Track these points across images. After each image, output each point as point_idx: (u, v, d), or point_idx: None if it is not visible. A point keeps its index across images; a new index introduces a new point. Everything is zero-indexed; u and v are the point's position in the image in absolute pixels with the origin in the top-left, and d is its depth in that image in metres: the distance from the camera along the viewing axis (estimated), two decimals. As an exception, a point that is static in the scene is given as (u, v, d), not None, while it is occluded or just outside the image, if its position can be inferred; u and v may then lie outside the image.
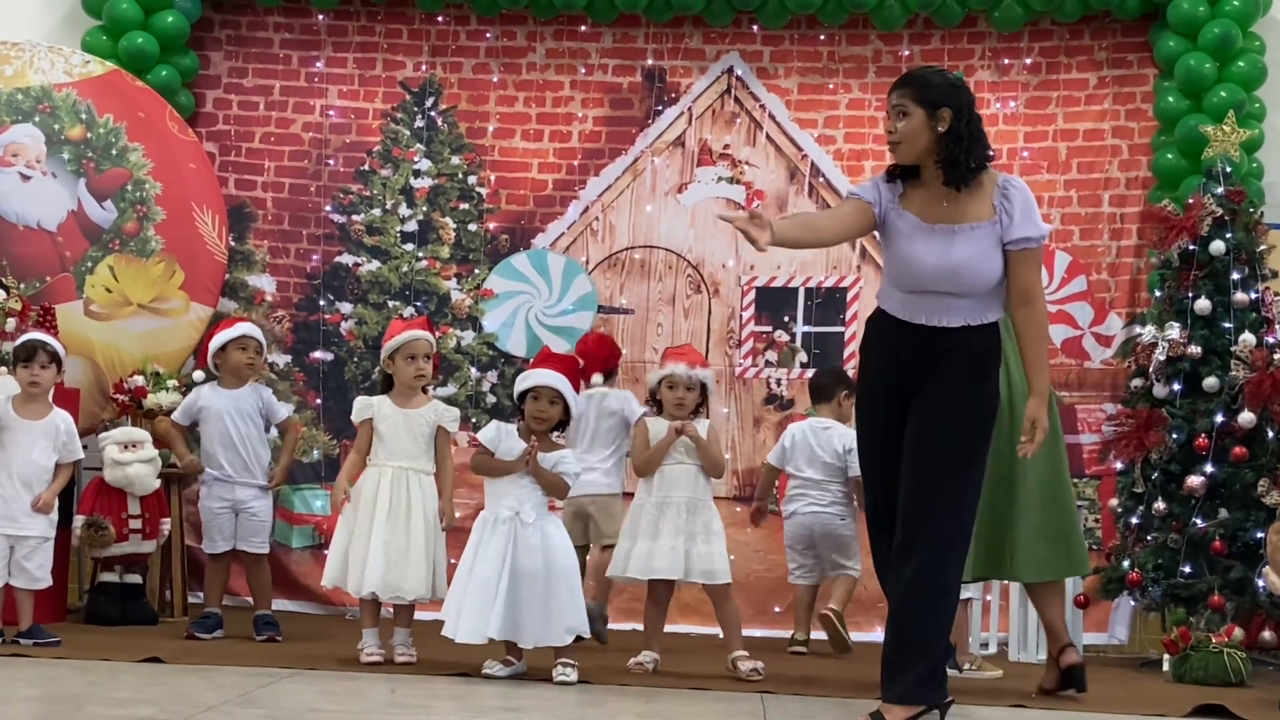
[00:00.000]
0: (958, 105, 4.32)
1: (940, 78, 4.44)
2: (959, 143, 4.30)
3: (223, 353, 6.30)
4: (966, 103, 4.36)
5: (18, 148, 7.32)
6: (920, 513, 4.30)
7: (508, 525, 5.30)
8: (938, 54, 7.76)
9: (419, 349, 5.76)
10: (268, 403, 6.39)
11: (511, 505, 5.32)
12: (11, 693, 4.62)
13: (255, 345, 6.36)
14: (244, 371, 6.33)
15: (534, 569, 5.25)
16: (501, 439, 5.40)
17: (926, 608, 4.29)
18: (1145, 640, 6.99)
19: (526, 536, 5.28)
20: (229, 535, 6.27)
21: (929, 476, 4.31)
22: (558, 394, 5.40)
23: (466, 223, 7.84)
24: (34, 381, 5.85)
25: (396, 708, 4.60)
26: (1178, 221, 6.81)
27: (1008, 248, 4.32)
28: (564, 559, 5.33)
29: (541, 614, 5.24)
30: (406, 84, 7.92)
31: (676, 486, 5.63)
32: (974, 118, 4.36)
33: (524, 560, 5.25)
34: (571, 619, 5.29)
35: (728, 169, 7.83)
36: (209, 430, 6.28)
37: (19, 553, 5.76)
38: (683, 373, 5.71)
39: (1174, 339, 6.62)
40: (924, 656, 4.29)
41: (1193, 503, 6.49)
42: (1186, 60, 7.21)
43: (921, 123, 4.32)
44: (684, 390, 5.70)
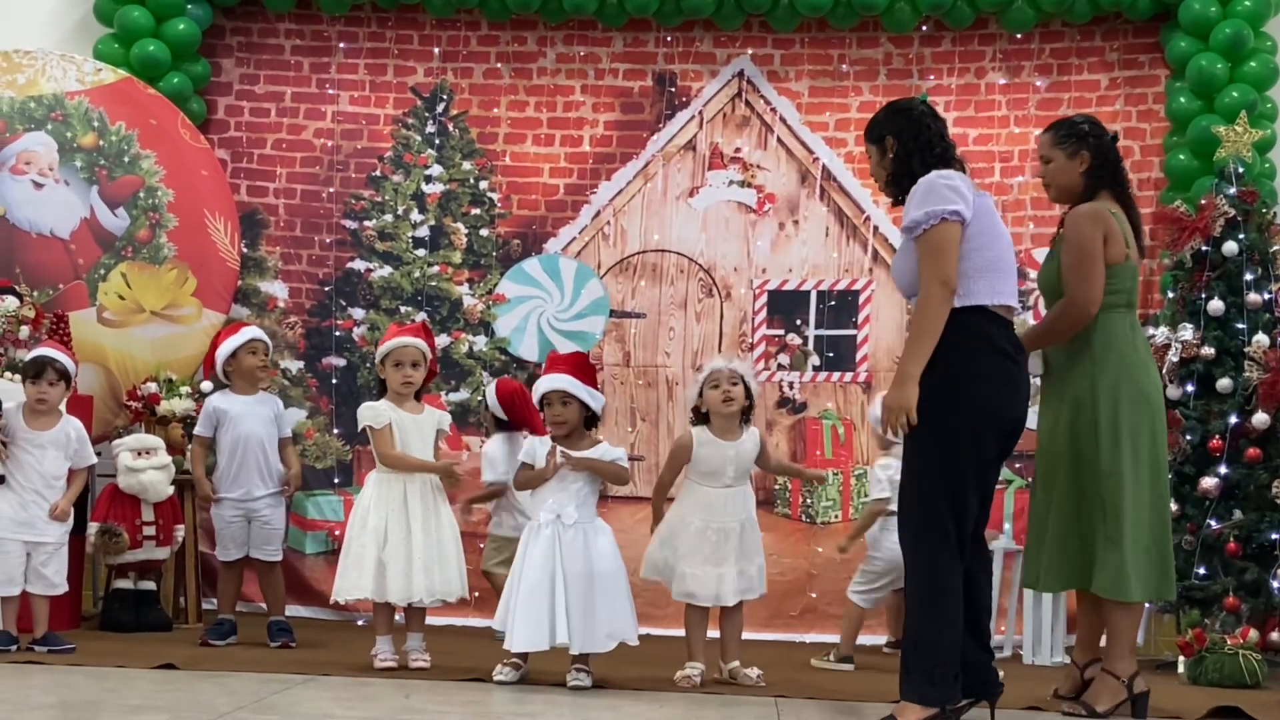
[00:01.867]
0: (895, 131, 4.57)
1: (879, 114, 4.70)
2: (899, 164, 4.55)
3: (234, 359, 6.32)
4: (901, 126, 4.56)
5: (30, 156, 7.35)
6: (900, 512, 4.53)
7: (550, 529, 5.29)
8: (949, 56, 7.75)
9: (406, 356, 5.73)
10: (280, 414, 6.40)
11: (552, 509, 5.31)
12: (27, 699, 4.64)
13: (264, 348, 6.39)
14: (257, 375, 6.35)
15: (577, 572, 5.24)
16: (538, 450, 5.40)
17: (915, 609, 4.37)
18: (1160, 642, 6.96)
19: (570, 539, 5.28)
20: (242, 543, 6.28)
21: (903, 475, 4.48)
22: (567, 394, 5.39)
23: (478, 228, 7.85)
24: (41, 399, 5.87)
25: (410, 713, 4.60)
26: (1190, 222, 6.79)
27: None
28: (607, 563, 5.30)
29: (585, 619, 5.22)
30: (418, 89, 7.93)
31: (728, 509, 5.49)
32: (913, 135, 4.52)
33: (569, 564, 5.25)
34: (613, 624, 5.26)
35: (739, 172, 7.83)
36: (225, 436, 6.28)
37: (36, 559, 5.78)
38: (723, 365, 5.55)
39: (1187, 340, 6.60)
40: (923, 656, 4.32)
41: (1207, 504, 6.47)
42: (1198, 61, 7.19)
43: (876, 158, 4.65)
44: (729, 384, 5.50)
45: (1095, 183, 5.16)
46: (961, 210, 4.34)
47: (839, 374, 7.69)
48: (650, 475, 7.62)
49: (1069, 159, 5.20)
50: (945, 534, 4.32)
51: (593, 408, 5.44)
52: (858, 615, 6.36)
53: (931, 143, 4.51)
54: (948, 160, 4.52)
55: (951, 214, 4.32)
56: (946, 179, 4.39)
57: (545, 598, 5.20)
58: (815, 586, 7.41)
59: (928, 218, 4.34)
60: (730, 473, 5.51)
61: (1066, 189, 5.23)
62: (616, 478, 5.44)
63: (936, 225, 4.33)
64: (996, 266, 4.42)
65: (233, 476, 6.27)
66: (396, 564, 5.54)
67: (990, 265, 4.40)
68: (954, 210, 4.33)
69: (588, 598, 5.23)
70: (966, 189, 4.41)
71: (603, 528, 5.41)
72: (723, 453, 5.51)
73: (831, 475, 7.58)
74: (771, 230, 7.78)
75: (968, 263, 4.35)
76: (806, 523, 7.54)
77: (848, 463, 7.63)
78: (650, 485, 7.55)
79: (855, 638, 6.35)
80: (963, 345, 4.33)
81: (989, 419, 4.36)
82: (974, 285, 4.36)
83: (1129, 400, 4.97)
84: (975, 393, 4.33)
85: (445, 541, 5.62)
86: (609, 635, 5.26)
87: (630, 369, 7.73)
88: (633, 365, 7.73)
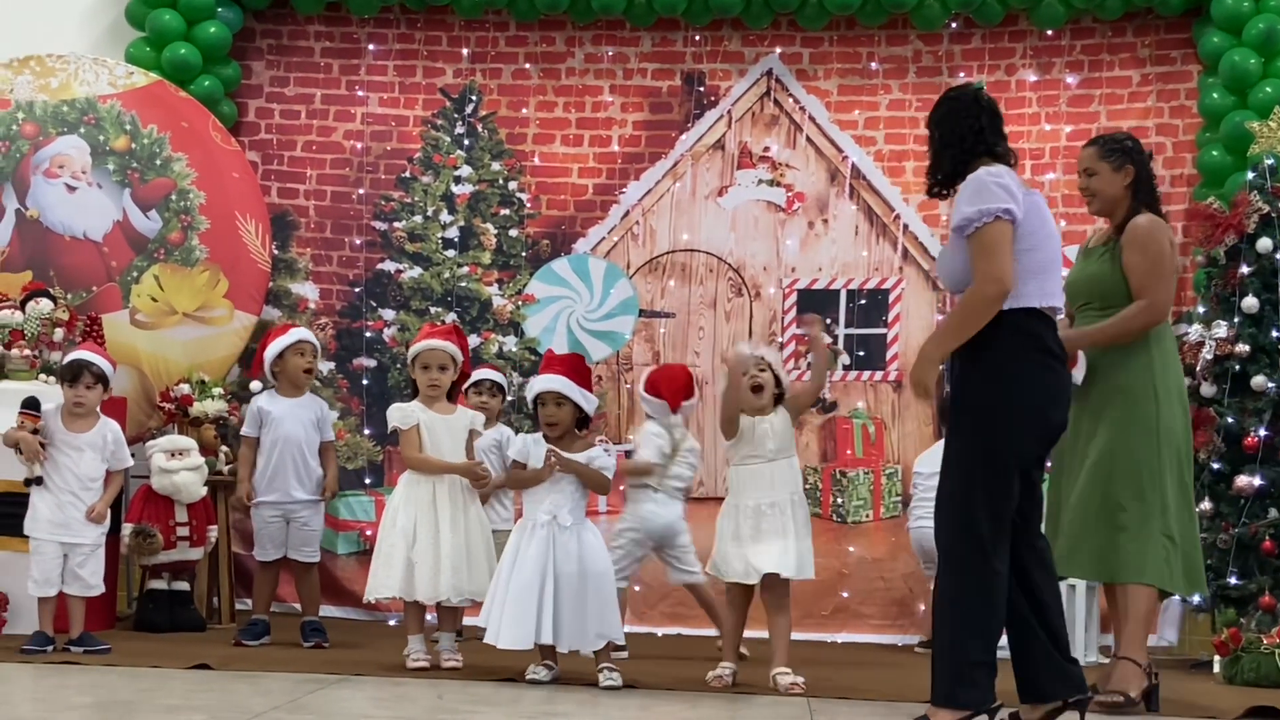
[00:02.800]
0: (935, 120, 4.50)
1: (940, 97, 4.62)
2: (936, 153, 4.49)
3: (280, 360, 6.32)
4: (942, 115, 4.48)
5: (64, 159, 7.40)
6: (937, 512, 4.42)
7: (545, 530, 5.31)
8: (978, 53, 7.73)
9: (434, 359, 5.73)
10: (323, 417, 6.41)
11: (549, 510, 5.33)
12: (64, 700, 4.66)
13: (313, 350, 6.39)
14: (303, 378, 6.36)
15: (570, 573, 5.26)
16: (530, 449, 5.41)
17: (946, 610, 4.32)
18: (1195, 642, 6.93)
19: (565, 541, 5.29)
20: (280, 543, 6.30)
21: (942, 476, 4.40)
22: (561, 396, 5.40)
23: (507, 228, 7.86)
24: (79, 401, 5.90)
25: (443, 713, 4.61)
26: (1224, 219, 6.75)
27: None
28: (599, 564, 5.32)
29: (576, 618, 5.25)
30: (446, 91, 7.95)
31: (774, 486, 5.44)
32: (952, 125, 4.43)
33: (562, 564, 5.26)
34: (603, 624, 5.28)
35: (768, 171, 7.82)
36: (266, 436, 6.29)
37: (73, 560, 5.82)
38: (748, 351, 5.54)
39: (1221, 338, 6.56)
40: (953, 657, 4.28)
41: (1242, 503, 6.43)
42: (1231, 56, 7.15)
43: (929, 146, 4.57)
44: (756, 370, 5.48)
45: (1137, 198, 5.22)
46: (1013, 209, 4.26)
47: (869, 373, 7.67)
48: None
49: (1114, 172, 5.24)
50: (980, 534, 4.26)
51: (585, 410, 5.46)
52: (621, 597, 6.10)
53: (964, 137, 4.41)
54: (993, 154, 4.40)
55: (1004, 212, 4.24)
56: (996, 176, 4.30)
57: (534, 597, 5.22)
58: (846, 586, 7.39)
59: (980, 215, 4.25)
60: (770, 445, 5.48)
61: (1110, 201, 5.27)
62: (599, 486, 5.45)
63: (990, 224, 4.24)
64: (1047, 268, 4.35)
65: (270, 477, 6.28)
66: (424, 563, 5.56)
67: (1041, 267, 4.33)
68: (1005, 209, 4.24)
69: (579, 597, 5.25)
70: (1016, 187, 4.32)
71: (593, 529, 5.43)
72: (758, 427, 5.51)
73: (863, 474, 7.57)
74: (801, 229, 7.77)
75: (1019, 264, 4.27)
76: (837, 522, 7.53)
77: (878, 462, 7.61)
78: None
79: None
80: (1014, 347, 4.27)
81: (1035, 421, 4.30)
82: (1024, 287, 4.28)
83: (1180, 400, 5.15)
84: (1023, 395, 4.28)
85: (474, 541, 5.63)
86: (598, 635, 5.28)
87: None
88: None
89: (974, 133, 4.41)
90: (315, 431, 6.34)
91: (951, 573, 4.31)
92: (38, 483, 5.79)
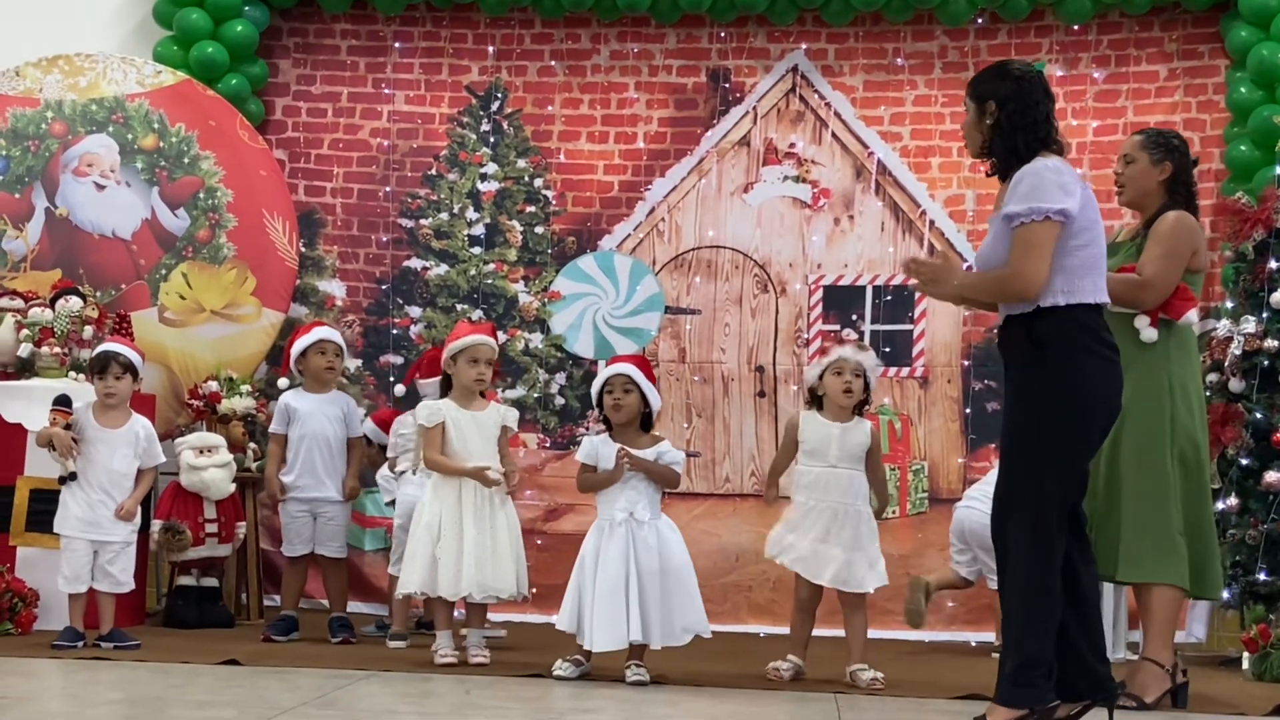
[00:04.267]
0: (1000, 97, 4.31)
1: (989, 70, 4.45)
2: (1000, 135, 4.30)
3: (304, 358, 6.40)
4: (1009, 93, 4.30)
5: (92, 158, 7.45)
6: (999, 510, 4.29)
7: (624, 528, 5.32)
8: (1004, 49, 7.69)
9: (481, 353, 5.77)
10: (350, 413, 6.45)
11: (624, 507, 5.35)
12: (95, 695, 4.70)
13: (334, 349, 6.44)
14: (324, 376, 6.41)
15: (653, 569, 5.28)
16: (599, 450, 5.42)
17: (1009, 607, 4.26)
18: (1224, 638, 6.90)
19: (644, 536, 5.31)
20: (307, 539, 6.34)
21: (1003, 473, 4.30)
22: (631, 381, 5.41)
23: (533, 225, 7.87)
24: (109, 393, 5.93)
25: (471, 708, 4.63)
26: (1252, 214, 6.72)
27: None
28: (679, 558, 5.35)
29: (663, 613, 5.26)
30: (472, 88, 7.96)
31: (831, 492, 5.45)
32: (1019, 108, 4.28)
33: (644, 560, 5.28)
34: (688, 618, 5.31)
35: (793, 168, 7.81)
36: (294, 432, 6.35)
37: (103, 557, 5.85)
38: (851, 355, 5.53)
39: (1250, 333, 6.53)
40: (1012, 656, 4.23)
41: (1271, 499, 6.40)
42: (1259, 50, 7.11)
43: (974, 116, 4.39)
44: (852, 375, 5.49)
45: (1171, 196, 5.19)
46: (1069, 209, 4.18)
47: (895, 369, 7.65)
48: (707, 472, 7.65)
49: (1153, 165, 5.23)
50: (1045, 532, 4.18)
51: (651, 404, 5.47)
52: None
53: (1038, 122, 4.29)
54: (1050, 143, 4.31)
55: (1056, 213, 4.16)
56: (1057, 173, 4.21)
57: (622, 596, 5.23)
58: (873, 582, 7.38)
59: (1030, 212, 4.17)
60: (833, 452, 5.48)
61: (1141, 193, 5.26)
62: (668, 481, 5.46)
63: (1039, 222, 4.16)
64: (1097, 264, 4.28)
65: (297, 473, 6.33)
66: (448, 559, 5.58)
67: (1096, 262, 4.26)
68: (1060, 210, 4.16)
69: (665, 593, 5.27)
70: (1074, 182, 4.24)
71: (672, 524, 5.46)
72: (827, 431, 5.50)
73: (888, 471, 7.55)
74: (826, 225, 7.76)
75: (1074, 258, 4.20)
76: (864, 518, 7.51)
77: (904, 458, 7.60)
78: (708, 482, 7.64)
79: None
80: (1077, 343, 4.21)
81: (1097, 417, 4.25)
82: (1081, 282, 4.21)
83: (1196, 397, 5.13)
84: (1087, 392, 4.21)
85: (500, 538, 5.64)
86: (684, 629, 5.31)
87: (685, 365, 7.73)
88: (688, 361, 7.74)
89: (1045, 118, 4.30)
90: (342, 427, 6.38)
91: (1018, 569, 4.22)
92: (71, 479, 5.82)
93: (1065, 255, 4.21)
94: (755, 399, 7.68)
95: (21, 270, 7.31)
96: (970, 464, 7.51)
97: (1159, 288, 5.10)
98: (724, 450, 7.67)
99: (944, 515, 7.46)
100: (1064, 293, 4.21)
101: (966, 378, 7.59)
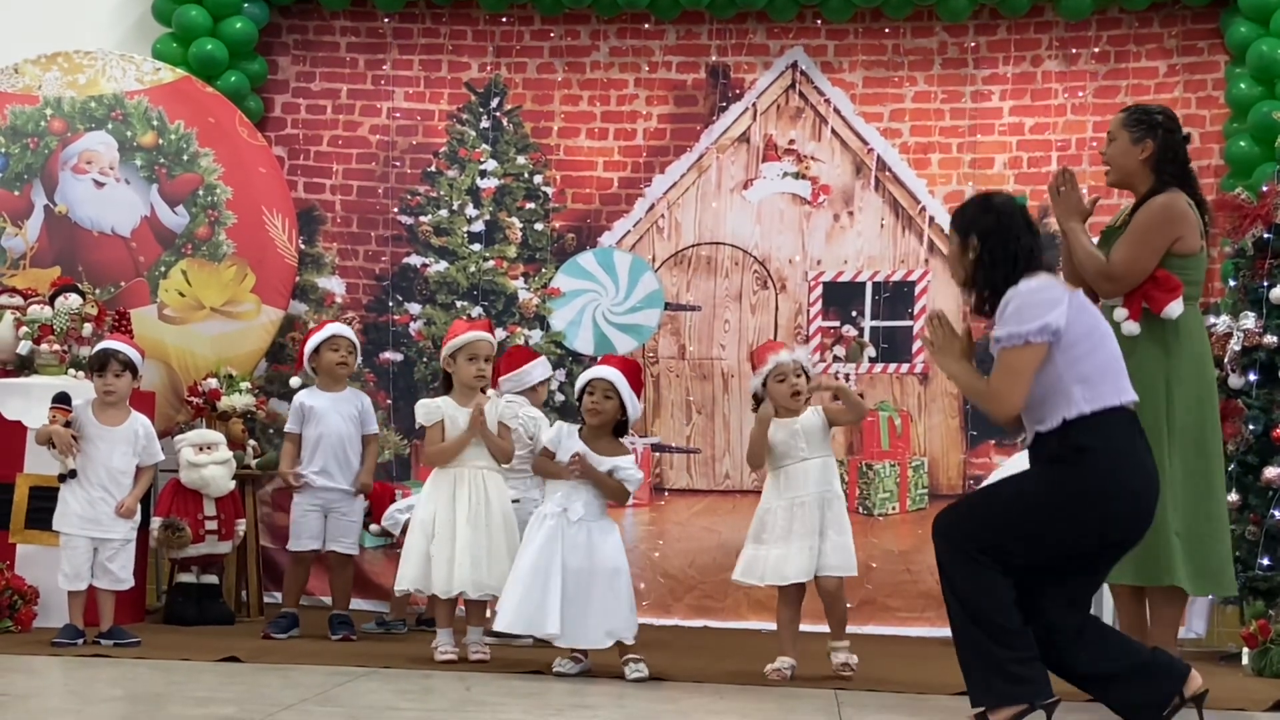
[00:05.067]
0: (982, 231, 4.35)
1: (971, 203, 4.47)
2: (983, 269, 4.35)
3: (316, 355, 6.43)
4: (990, 228, 4.33)
5: (91, 155, 7.44)
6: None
7: (555, 521, 5.32)
8: (1004, 44, 7.69)
9: (481, 350, 5.79)
10: (365, 410, 6.46)
11: (560, 502, 5.35)
12: (95, 693, 4.70)
13: (347, 344, 6.47)
14: (337, 371, 6.43)
15: (576, 567, 5.27)
16: (562, 440, 5.42)
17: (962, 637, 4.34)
18: (1223, 634, 6.90)
19: (572, 534, 5.31)
20: (315, 535, 6.34)
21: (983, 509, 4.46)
22: (612, 387, 5.40)
23: (533, 222, 7.87)
24: (108, 390, 5.93)
25: (472, 705, 4.63)
26: (1251, 209, 6.71)
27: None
28: (610, 561, 5.32)
29: (579, 612, 5.25)
30: (471, 85, 7.96)
31: (806, 484, 5.46)
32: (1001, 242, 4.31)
33: (568, 558, 5.28)
34: (611, 622, 5.28)
35: (793, 164, 7.80)
36: (309, 431, 6.36)
37: (102, 554, 5.85)
38: (788, 358, 5.54)
39: (1249, 329, 6.53)
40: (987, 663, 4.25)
41: (1271, 494, 6.40)
42: (1259, 46, 7.10)
43: (958, 249, 4.43)
44: (794, 376, 5.51)
45: (1157, 176, 5.13)
46: (1052, 324, 4.19)
47: (895, 365, 7.66)
48: (706, 468, 7.65)
49: (1132, 144, 5.17)
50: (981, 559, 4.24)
51: (629, 413, 5.46)
52: None
53: (1017, 256, 4.30)
54: (1034, 264, 4.31)
55: (1036, 334, 4.19)
56: (1040, 291, 4.24)
57: (539, 585, 5.23)
58: (872, 579, 7.36)
59: (1009, 338, 4.21)
60: (803, 445, 5.49)
61: (1124, 173, 5.21)
62: (615, 495, 5.44)
63: (1018, 347, 4.20)
64: (1113, 365, 4.28)
65: (313, 470, 6.33)
66: (441, 557, 5.60)
67: (1109, 363, 4.26)
68: (1040, 329, 4.18)
69: (585, 593, 5.25)
70: (1060, 295, 4.25)
71: (609, 526, 5.43)
72: (790, 429, 5.51)
73: (888, 467, 7.56)
74: (826, 222, 7.76)
75: (1085, 366, 4.21)
76: (863, 515, 7.52)
77: (904, 454, 7.60)
78: (708, 479, 7.64)
79: None
80: (1112, 450, 4.19)
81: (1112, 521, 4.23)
82: (1100, 388, 4.21)
83: (1203, 391, 5.09)
84: (1110, 500, 4.20)
85: (496, 536, 5.64)
86: (607, 633, 5.29)
87: (685, 362, 7.74)
88: (688, 358, 7.74)
89: (1026, 251, 4.32)
90: (358, 425, 6.40)
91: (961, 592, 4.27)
92: (71, 476, 5.82)
93: (1074, 365, 4.21)
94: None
95: (21, 268, 7.31)
96: (970, 460, 7.51)
97: (1121, 277, 5.03)
98: (724, 447, 7.67)
99: (944, 511, 7.47)
100: (1087, 400, 4.21)
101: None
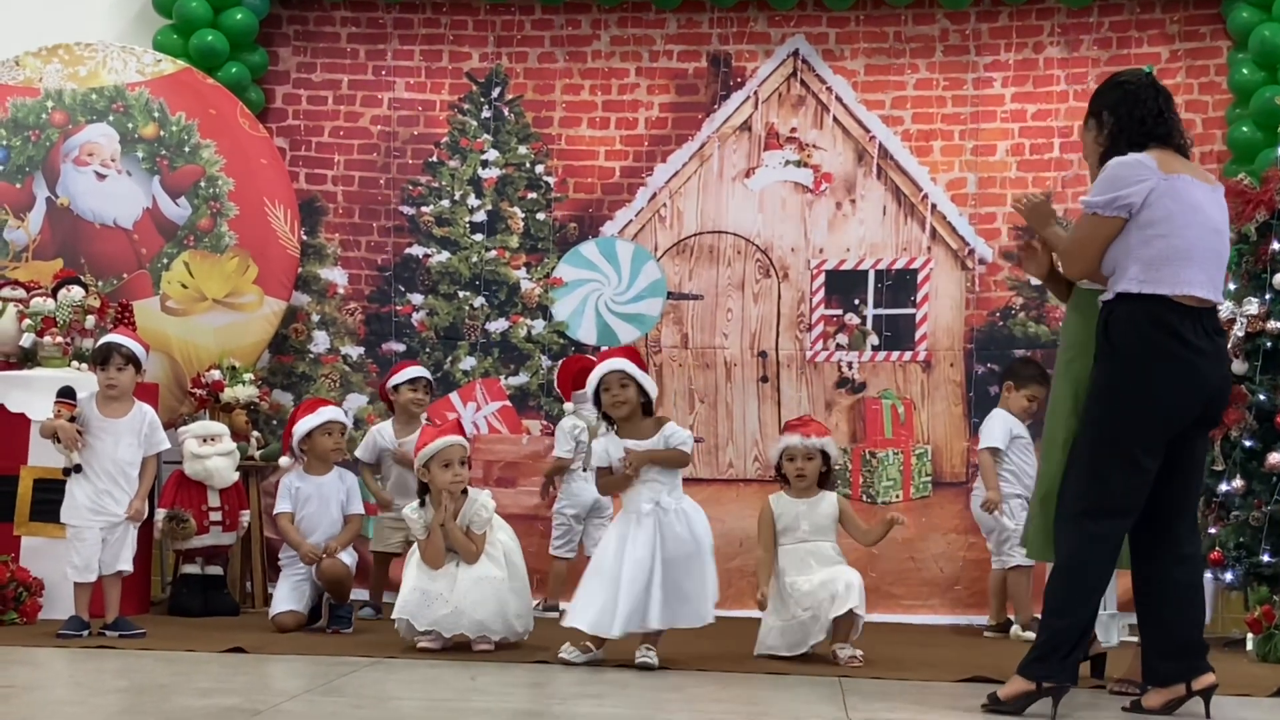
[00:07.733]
0: (1110, 105, 4.48)
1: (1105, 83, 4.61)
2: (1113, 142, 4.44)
3: (309, 439, 6.31)
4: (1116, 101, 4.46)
5: (93, 147, 7.44)
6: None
7: (652, 519, 5.32)
8: (1006, 31, 7.69)
9: (453, 455, 5.70)
10: (351, 490, 6.40)
11: (648, 499, 5.35)
12: (101, 684, 4.71)
13: (340, 428, 6.39)
14: (331, 457, 6.37)
15: (678, 555, 5.30)
16: (610, 450, 5.41)
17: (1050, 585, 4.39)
18: (1228, 620, 6.90)
19: (669, 523, 5.32)
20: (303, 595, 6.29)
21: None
22: (625, 375, 5.40)
23: (535, 212, 7.87)
24: (111, 384, 5.93)
25: (476, 694, 4.63)
26: (1254, 195, 6.70)
27: None
28: (706, 539, 5.39)
29: (699, 593, 5.31)
30: (473, 75, 7.95)
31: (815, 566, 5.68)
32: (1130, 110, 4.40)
33: (671, 547, 5.29)
34: (703, 603, 5.34)
35: (795, 152, 7.80)
36: (299, 512, 6.28)
37: (108, 539, 5.85)
38: (799, 443, 5.76)
39: (1253, 314, 6.52)
40: (1041, 632, 4.37)
41: (1274, 480, 6.39)
42: (1261, 31, 7.10)
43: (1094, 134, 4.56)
44: (803, 460, 5.75)
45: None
46: (1124, 198, 4.21)
47: (898, 353, 7.65)
48: (710, 457, 7.65)
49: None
50: (1083, 523, 4.27)
51: (649, 393, 5.47)
52: (563, 569, 6.89)
53: (1144, 119, 4.36)
54: (1164, 138, 4.34)
55: (1104, 206, 4.24)
56: (1125, 166, 4.27)
57: (644, 583, 5.24)
58: (876, 566, 7.36)
59: (1086, 205, 4.33)
60: (804, 527, 5.73)
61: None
62: (678, 463, 5.44)
63: (1089, 216, 4.30)
64: (1185, 255, 4.24)
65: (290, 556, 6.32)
66: (439, 596, 5.65)
67: (1177, 253, 4.23)
68: (1110, 201, 4.23)
69: (684, 577, 5.29)
70: (1149, 174, 4.24)
71: (696, 505, 5.48)
72: (795, 508, 5.76)
73: (892, 455, 7.56)
74: (828, 210, 7.75)
75: (1151, 249, 4.21)
76: (867, 503, 7.52)
77: (908, 442, 7.60)
78: (711, 467, 7.64)
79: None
80: (1141, 335, 4.22)
81: (1158, 411, 4.23)
82: (1158, 273, 4.21)
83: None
84: (1142, 386, 4.21)
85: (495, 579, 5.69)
86: (698, 615, 5.34)
87: (688, 351, 7.73)
88: (690, 347, 7.74)
89: (1156, 115, 4.38)
90: (341, 509, 6.35)
91: (1059, 555, 4.36)
92: (76, 470, 5.83)
93: (1141, 245, 4.23)
94: (758, 384, 7.68)
95: (23, 260, 7.31)
96: (973, 448, 7.50)
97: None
98: (727, 436, 7.67)
99: (947, 499, 7.48)
100: (1139, 281, 4.22)
101: (969, 361, 7.59)
